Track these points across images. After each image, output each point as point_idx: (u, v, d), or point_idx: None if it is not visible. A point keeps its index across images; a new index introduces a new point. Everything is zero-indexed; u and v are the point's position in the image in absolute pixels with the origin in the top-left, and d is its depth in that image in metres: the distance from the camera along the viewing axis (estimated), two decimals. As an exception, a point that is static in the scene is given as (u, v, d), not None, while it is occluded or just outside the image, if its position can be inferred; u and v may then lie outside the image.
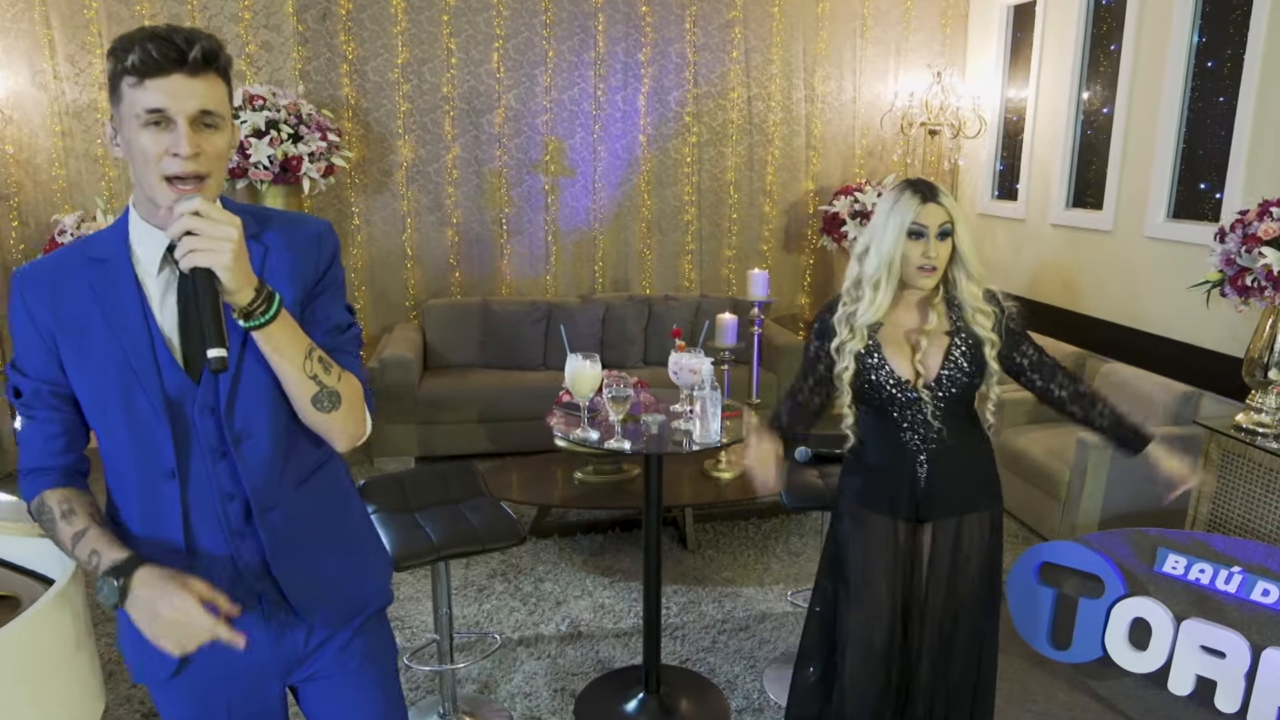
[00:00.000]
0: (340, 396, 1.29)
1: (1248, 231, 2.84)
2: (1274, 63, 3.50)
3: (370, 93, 5.08)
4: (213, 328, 1.16)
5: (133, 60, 1.14)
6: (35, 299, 1.26)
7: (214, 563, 1.32)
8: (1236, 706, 2.54)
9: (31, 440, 1.32)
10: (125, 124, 1.18)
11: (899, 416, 1.98)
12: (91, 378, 1.26)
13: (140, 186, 1.23)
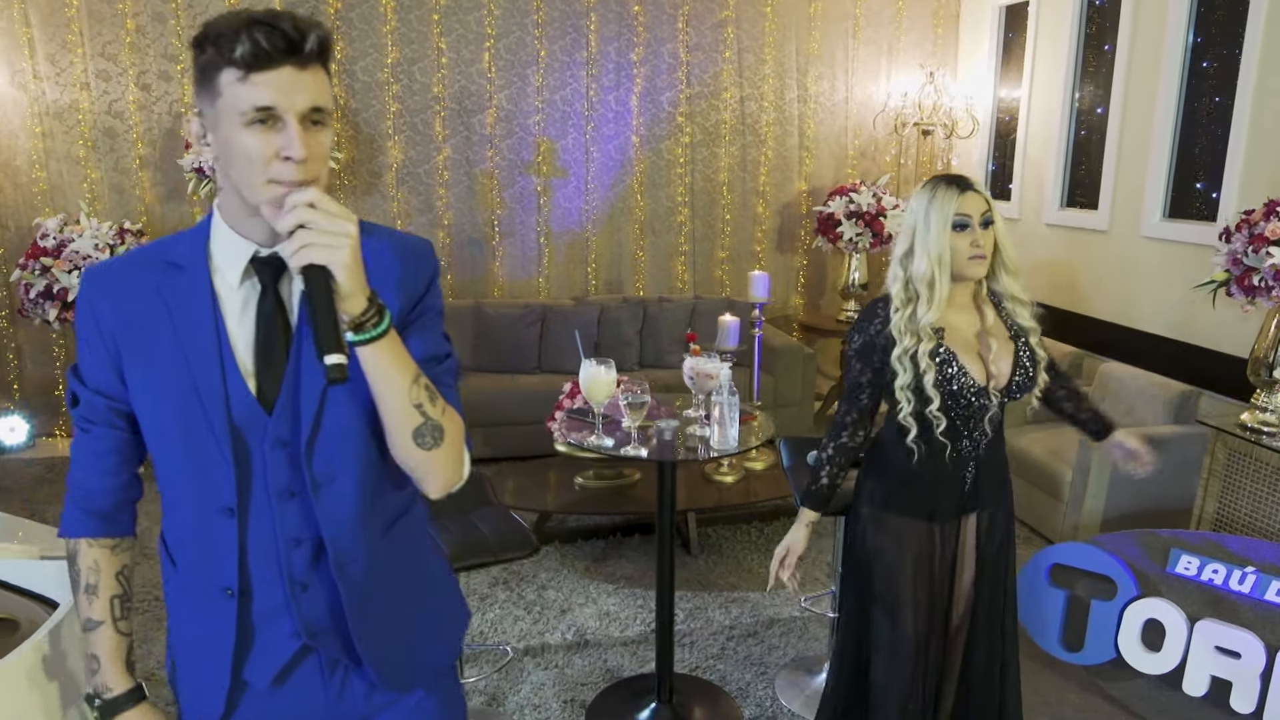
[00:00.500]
0: (443, 432, 1.14)
1: (1254, 231, 2.85)
2: (1271, 62, 3.52)
3: (359, 93, 5.00)
4: (330, 331, 1.01)
5: (241, 52, 0.99)
6: (102, 302, 1.14)
7: (270, 612, 1.19)
8: (1252, 707, 2.54)
9: (82, 454, 1.21)
10: (223, 121, 1.03)
11: (962, 425, 1.95)
12: (152, 396, 1.14)
13: (234, 190, 1.08)
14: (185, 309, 1.12)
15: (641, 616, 3.28)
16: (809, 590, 3.46)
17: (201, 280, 1.13)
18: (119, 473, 1.22)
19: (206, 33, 1.03)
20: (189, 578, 1.20)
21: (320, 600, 1.19)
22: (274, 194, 1.03)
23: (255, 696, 1.17)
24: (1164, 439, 3.56)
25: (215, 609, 1.17)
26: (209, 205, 4.78)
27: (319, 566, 1.18)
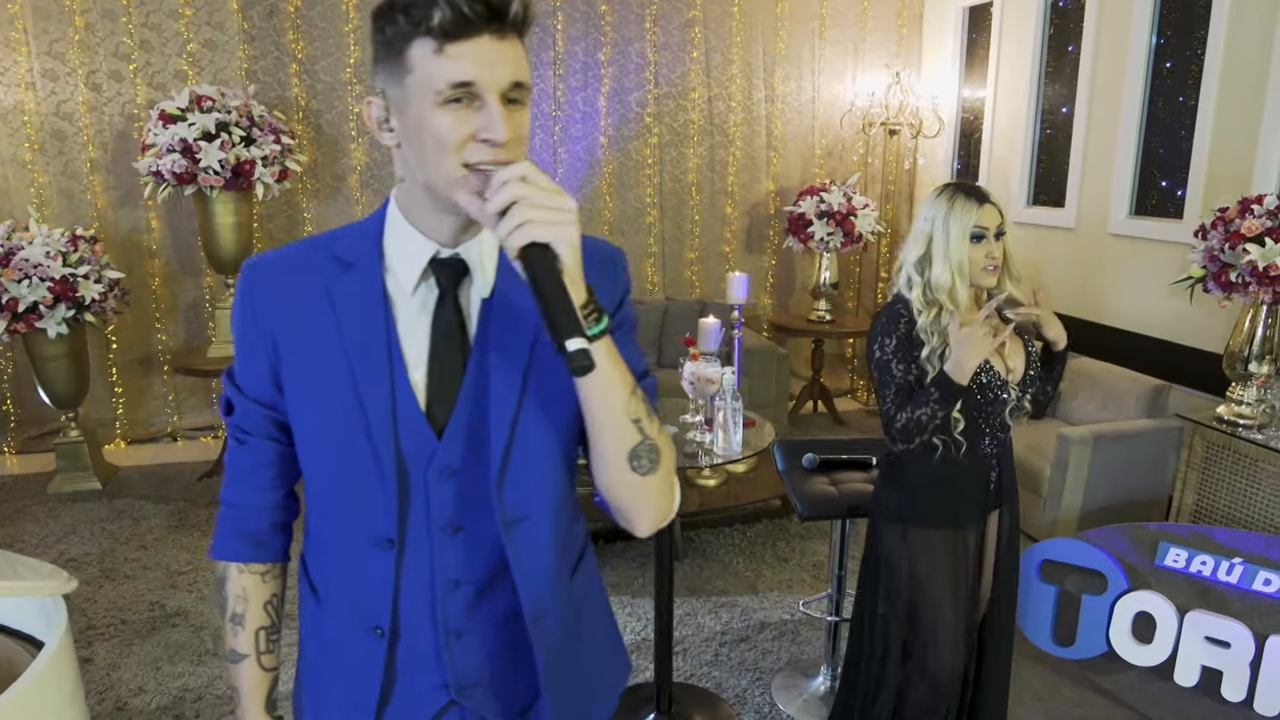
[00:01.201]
0: (659, 454, 0.99)
1: (1230, 228, 2.91)
2: (1233, 63, 3.61)
3: (321, 93, 4.86)
4: (568, 313, 0.86)
5: (440, 19, 0.86)
6: (264, 298, 1.02)
7: (417, 659, 1.06)
8: (1243, 695, 2.59)
9: (236, 468, 1.11)
10: (413, 100, 0.90)
11: (983, 422, 2.00)
12: (311, 408, 1.02)
13: (419, 181, 0.95)
14: (353, 312, 0.99)
15: (631, 625, 3.23)
16: (806, 594, 3.45)
17: (373, 281, 0.99)
18: (275, 488, 1.12)
19: (393, 1, 0.89)
20: (333, 612, 1.08)
21: (474, 650, 1.06)
22: (469, 182, 0.90)
23: None
24: (1138, 433, 3.64)
25: (361, 649, 1.06)
26: (167, 210, 4.55)
27: (476, 612, 1.05)
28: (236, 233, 4.35)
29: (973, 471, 2.04)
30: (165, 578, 3.53)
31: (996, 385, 1.98)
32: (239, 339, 1.05)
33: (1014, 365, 2.03)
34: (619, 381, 0.94)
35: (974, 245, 1.92)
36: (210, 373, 4.36)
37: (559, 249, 0.88)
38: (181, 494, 4.33)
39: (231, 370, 1.08)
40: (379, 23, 0.92)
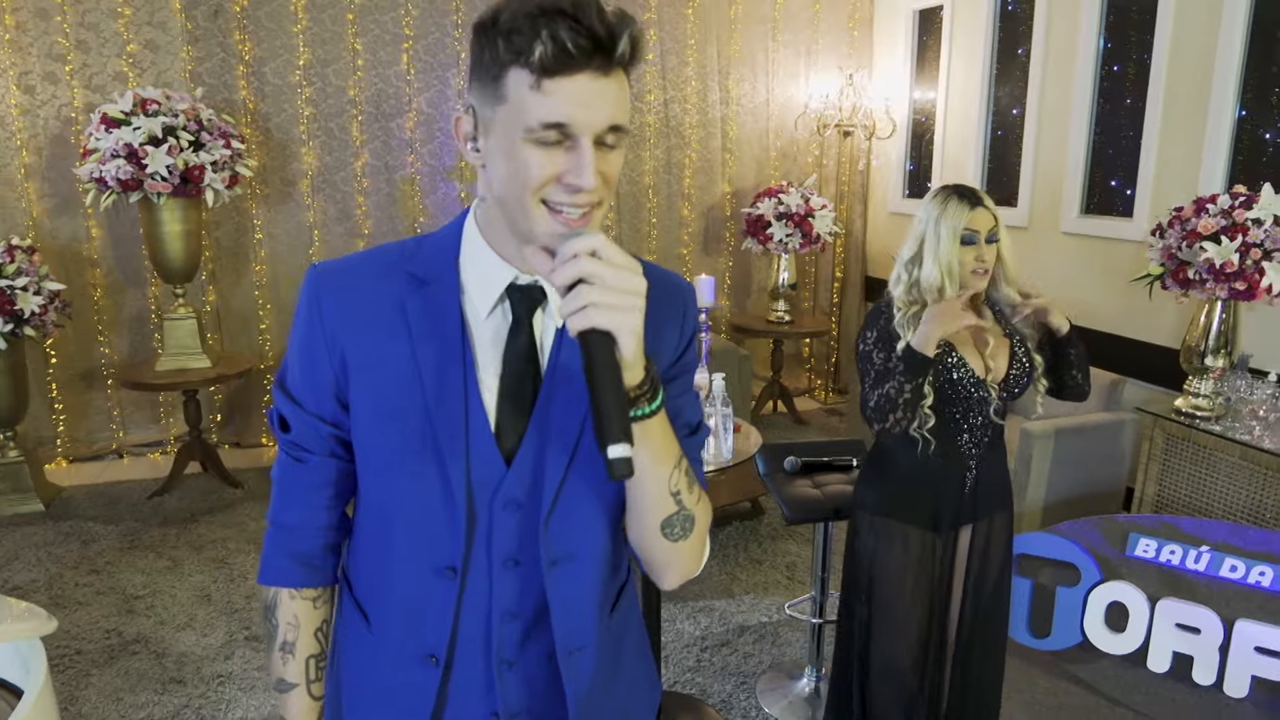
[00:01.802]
0: (694, 522, 0.98)
1: (1186, 227, 3.00)
2: (1178, 67, 3.74)
3: (270, 96, 4.72)
4: (617, 415, 0.82)
5: (541, 52, 0.81)
6: (336, 308, 0.96)
7: (468, 687, 1.04)
8: (1213, 679, 2.68)
9: (291, 487, 1.05)
10: (504, 128, 0.86)
11: (961, 418, 2.00)
12: (379, 428, 0.97)
13: (501, 203, 0.91)
14: (429, 333, 0.95)
15: (611, 633, 3.20)
16: (782, 595, 3.46)
17: (451, 301, 0.95)
18: (333, 508, 1.07)
19: (496, 21, 0.84)
20: (387, 640, 1.04)
21: (524, 680, 1.04)
22: (545, 221, 0.86)
23: None
24: (1096, 426, 3.74)
25: (413, 677, 1.03)
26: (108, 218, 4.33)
27: (528, 644, 1.03)
28: (185, 241, 4.19)
29: (947, 471, 2.04)
30: (121, 603, 3.38)
31: (970, 382, 1.98)
32: (302, 350, 0.99)
33: (995, 365, 2.03)
34: (665, 456, 0.93)
35: (964, 248, 1.94)
36: (159, 386, 4.20)
37: (620, 337, 0.83)
38: (131, 514, 4.15)
39: (285, 382, 1.02)
40: (478, 37, 0.87)
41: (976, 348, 2.02)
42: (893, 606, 2.08)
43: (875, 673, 2.13)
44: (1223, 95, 3.55)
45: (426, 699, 1.03)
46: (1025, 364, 2.05)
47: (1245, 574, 2.65)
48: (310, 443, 1.03)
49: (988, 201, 1.96)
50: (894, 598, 2.08)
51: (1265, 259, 2.85)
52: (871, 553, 2.12)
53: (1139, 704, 2.72)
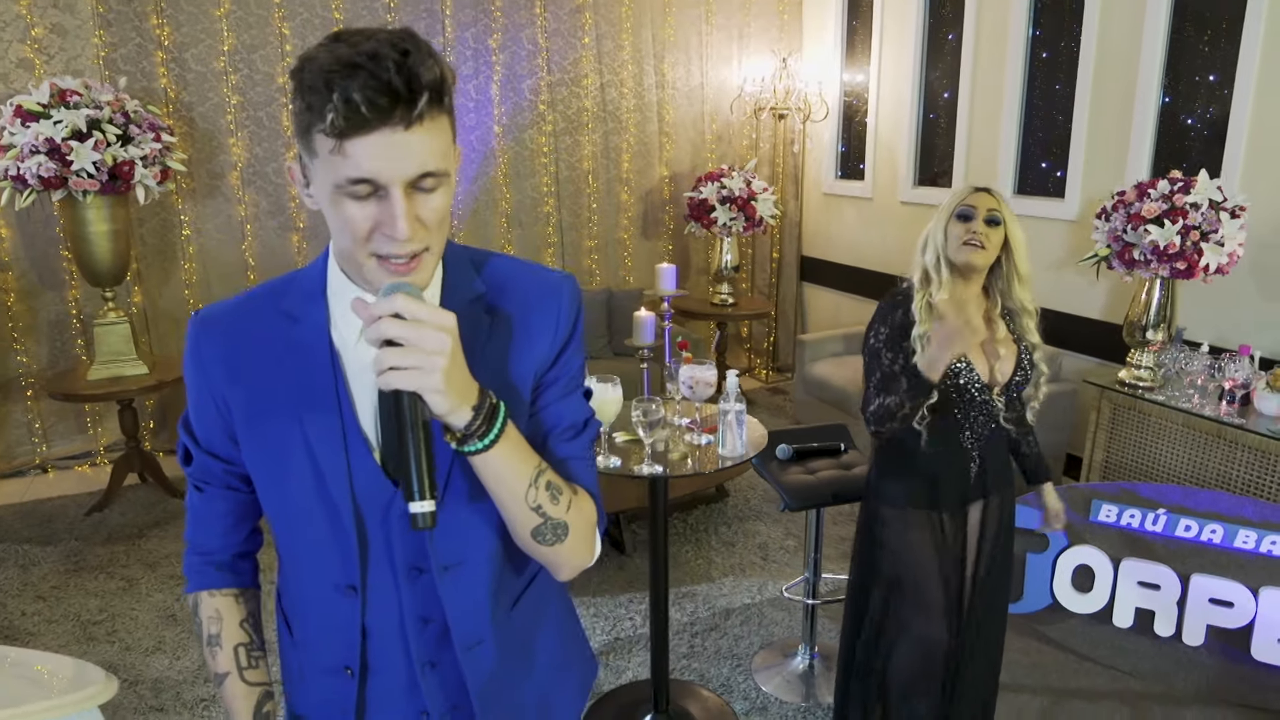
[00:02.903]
0: (567, 529, 1.02)
1: (1130, 211, 3.20)
2: (1106, 54, 3.95)
3: (192, 84, 4.46)
4: (418, 473, 0.88)
5: (331, 118, 0.81)
6: (211, 351, 1.03)
7: (393, 691, 1.10)
8: (1173, 630, 2.91)
9: (199, 514, 1.14)
10: (320, 181, 0.88)
11: (962, 418, 2.05)
12: (267, 462, 1.03)
13: (339, 251, 0.98)
14: (301, 368, 0.99)
15: (600, 625, 3.23)
16: (759, 576, 3.55)
17: (319, 336, 1.00)
18: (238, 530, 1.16)
19: (301, 74, 0.84)
20: (307, 653, 1.13)
21: (450, 679, 1.10)
22: (375, 271, 0.90)
23: None
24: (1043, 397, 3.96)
25: (334, 686, 1.10)
26: (19, 218, 4.05)
27: (448, 644, 1.08)
28: (113, 241, 3.93)
29: (951, 462, 2.12)
30: (77, 630, 3.19)
31: (976, 387, 2.04)
32: (192, 393, 1.06)
33: (1002, 371, 2.09)
34: (514, 477, 0.96)
35: (958, 222, 2.00)
36: (93, 397, 3.95)
37: (426, 397, 0.87)
38: (70, 532, 3.91)
39: (187, 419, 1.09)
40: (291, 87, 0.88)
41: (986, 356, 2.08)
42: (920, 588, 2.16)
43: (902, 652, 2.21)
44: (1148, 82, 3.78)
45: (348, 706, 1.10)
46: (1027, 370, 2.10)
47: (1199, 533, 2.88)
48: (207, 476, 1.11)
49: (997, 192, 2.02)
50: (921, 580, 2.16)
51: (1203, 240, 3.07)
52: (894, 540, 2.18)
53: (1106, 658, 2.93)
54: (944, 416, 2.05)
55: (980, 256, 2.00)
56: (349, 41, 0.83)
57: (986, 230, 1.99)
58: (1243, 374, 3.11)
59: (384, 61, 0.81)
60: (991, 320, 2.10)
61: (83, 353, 4.45)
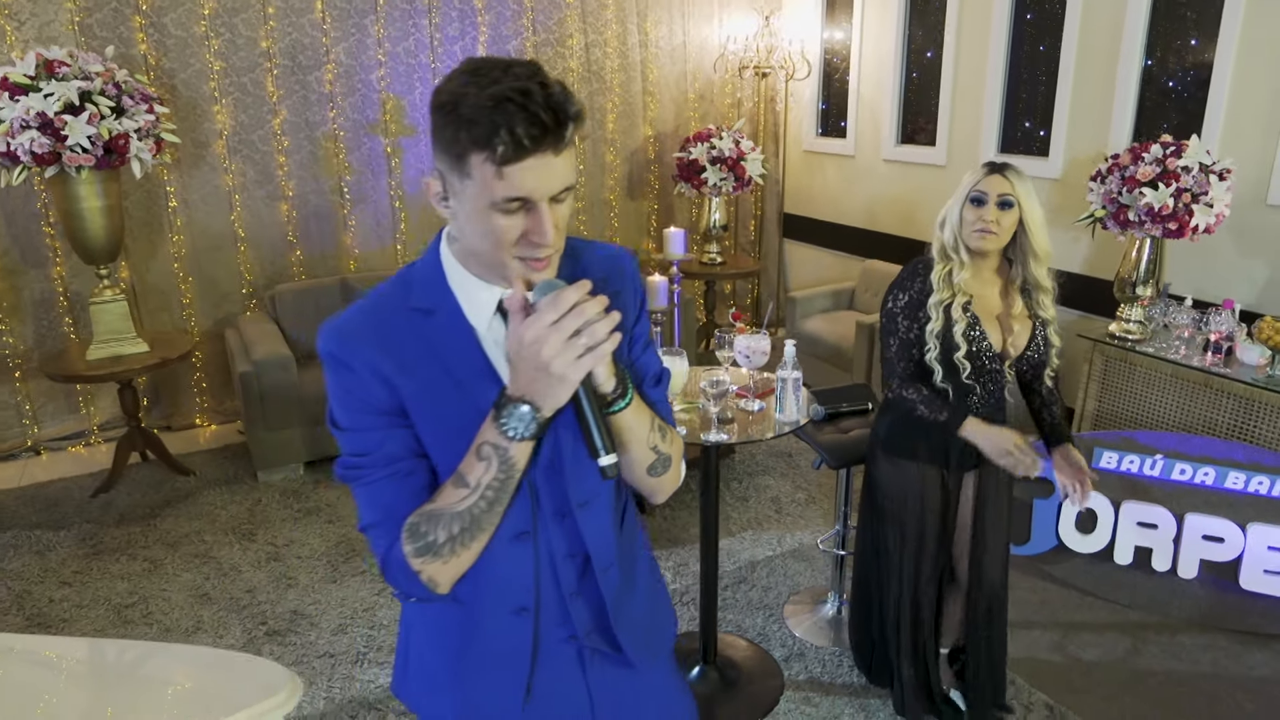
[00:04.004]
0: (671, 460, 1.23)
1: (1125, 174, 3.37)
2: (1090, 17, 4.09)
3: (173, 50, 4.31)
4: (600, 433, 1.05)
5: (503, 151, 0.94)
6: (366, 355, 1.08)
7: (551, 621, 1.27)
8: (1168, 565, 3.16)
9: (398, 500, 1.11)
10: (468, 199, 1.00)
11: (973, 384, 2.18)
12: (447, 437, 1.11)
13: (475, 252, 1.08)
14: (453, 351, 1.11)
15: (633, 583, 3.35)
16: (776, 530, 3.71)
17: (459, 322, 1.11)
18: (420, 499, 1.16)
19: (456, 110, 0.95)
20: (479, 607, 1.23)
21: (589, 604, 1.28)
22: (518, 269, 1.04)
23: (536, 698, 1.27)
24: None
25: (513, 627, 1.24)
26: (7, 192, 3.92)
27: (587, 574, 1.27)
28: (107, 217, 3.82)
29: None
30: (111, 614, 3.20)
31: (988, 355, 2.15)
32: (352, 403, 1.11)
33: (1015, 344, 2.19)
34: (640, 427, 1.15)
35: (972, 208, 2.10)
36: (93, 377, 3.87)
37: (596, 370, 1.03)
38: (80, 515, 3.87)
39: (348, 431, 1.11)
40: (441, 119, 0.98)
41: (1001, 329, 2.18)
42: (919, 537, 2.33)
43: (891, 591, 2.40)
44: (1131, 44, 3.93)
45: (525, 642, 1.25)
46: (1041, 345, 2.20)
47: (1193, 475, 3.12)
48: (402, 449, 1.12)
49: (1010, 174, 2.09)
50: (920, 529, 2.33)
51: (1194, 202, 3.26)
52: (896, 491, 2.34)
53: (1107, 593, 3.17)
54: (955, 382, 2.17)
55: (992, 242, 2.10)
56: (490, 76, 0.96)
57: (999, 214, 2.08)
58: (1226, 326, 3.33)
59: (535, 98, 0.94)
60: (1009, 294, 2.20)
61: (71, 331, 4.34)
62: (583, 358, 0.98)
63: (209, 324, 4.70)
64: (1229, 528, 3.04)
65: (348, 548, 3.61)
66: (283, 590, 3.33)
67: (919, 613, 2.44)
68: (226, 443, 4.60)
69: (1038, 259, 2.15)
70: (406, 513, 1.10)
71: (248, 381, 4.02)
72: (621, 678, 1.35)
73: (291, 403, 4.12)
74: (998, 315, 2.19)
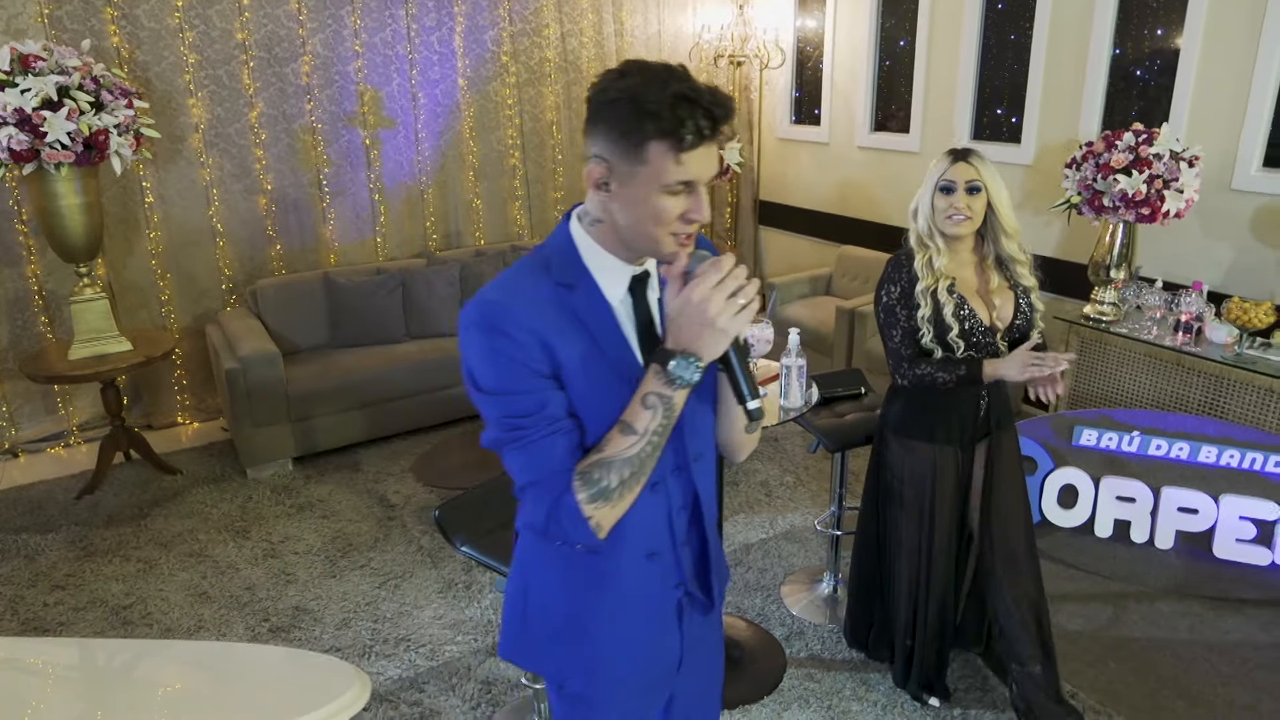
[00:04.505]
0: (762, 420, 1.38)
1: (1100, 161, 3.49)
2: (1060, 7, 4.21)
3: (146, 43, 4.23)
4: (751, 381, 1.23)
5: (689, 138, 1.11)
6: (526, 323, 1.18)
7: (666, 572, 1.39)
8: (1146, 537, 3.30)
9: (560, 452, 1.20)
10: (638, 183, 1.15)
11: (970, 358, 2.28)
12: (599, 395, 1.23)
13: (625, 229, 1.20)
14: (595, 321, 1.23)
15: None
16: (767, 513, 3.80)
17: (598, 294, 1.24)
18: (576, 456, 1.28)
19: (639, 104, 1.11)
20: (618, 549, 1.31)
21: (693, 554, 1.43)
22: (673, 246, 1.19)
23: (649, 644, 1.40)
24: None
25: (641, 573, 1.36)
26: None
27: (694, 525, 1.41)
28: (86, 214, 3.76)
29: (962, 399, 2.38)
30: (109, 615, 3.18)
31: (980, 330, 2.27)
32: (513, 369, 1.18)
33: (1002, 316, 2.30)
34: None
35: (943, 195, 2.21)
36: (78, 378, 3.82)
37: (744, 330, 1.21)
38: (66, 517, 3.82)
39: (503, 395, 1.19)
40: (619, 111, 1.13)
41: (985, 304, 2.30)
42: (926, 514, 2.43)
43: (902, 570, 2.50)
44: (1101, 34, 4.05)
45: (650, 586, 1.38)
46: (1028, 314, 2.33)
47: (1168, 450, 3.26)
48: (561, 410, 1.21)
49: (974, 159, 2.20)
50: (928, 506, 2.43)
51: (1165, 188, 3.39)
52: (902, 469, 2.44)
53: (1088, 564, 3.30)
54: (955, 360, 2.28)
55: (966, 226, 2.23)
56: (659, 77, 1.12)
57: (969, 200, 2.20)
58: (1196, 307, 3.47)
59: (705, 96, 1.12)
60: (985, 270, 2.31)
61: (48, 331, 4.27)
62: (739, 314, 1.15)
63: (188, 320, 4.64)
64: (1203, 499, 3.19)
65: (344, 543, 3.62)
66: (282, 586, 3.33)
67: (930, 589, 2.53)
68: (210, 440, 4.56)
69: (1008, 235, 2.28)
70: (568, 467, 1.20)
71: (234, 378, 3.99)
72: (698, 625, 1.48)
73: (279, 399, 4.10)
74: (979, 291, 2.30)
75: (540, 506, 1.21)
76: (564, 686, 1.42)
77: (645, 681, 1.45)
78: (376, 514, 3.84)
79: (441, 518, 2.33)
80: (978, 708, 2.67)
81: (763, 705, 2.71)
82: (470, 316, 1.19)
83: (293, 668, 1.53)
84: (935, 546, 2.49)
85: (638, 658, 1.41)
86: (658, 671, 1.46)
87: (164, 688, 1.41)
